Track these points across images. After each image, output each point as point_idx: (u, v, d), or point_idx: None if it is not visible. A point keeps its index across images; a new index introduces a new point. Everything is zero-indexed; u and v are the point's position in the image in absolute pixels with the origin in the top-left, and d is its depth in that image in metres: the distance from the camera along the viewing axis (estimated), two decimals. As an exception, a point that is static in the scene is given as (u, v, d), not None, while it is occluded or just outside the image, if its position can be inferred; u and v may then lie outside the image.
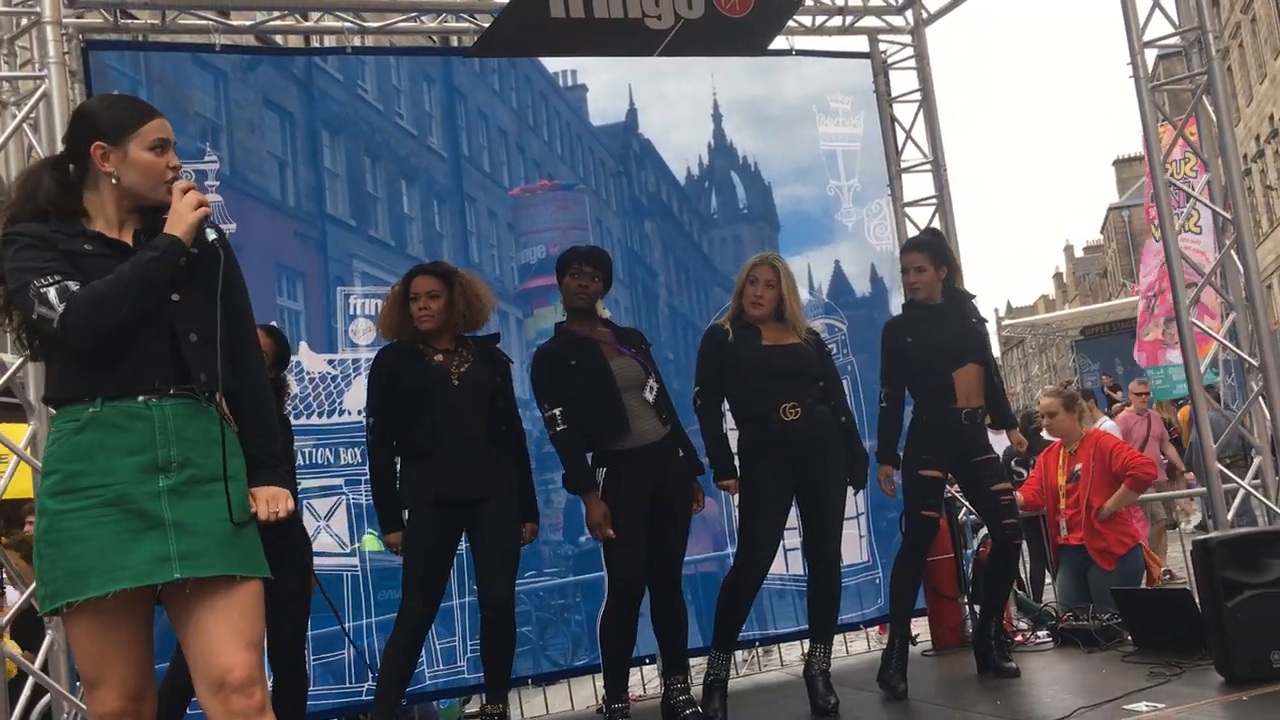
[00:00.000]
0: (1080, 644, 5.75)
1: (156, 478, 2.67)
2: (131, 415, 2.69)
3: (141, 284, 2.68)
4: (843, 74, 7.03)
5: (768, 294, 4.92)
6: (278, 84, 5.91)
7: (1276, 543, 4.86)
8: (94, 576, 2.59)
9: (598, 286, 4.80)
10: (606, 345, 4.76)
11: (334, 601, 5.40)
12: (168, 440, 2.69)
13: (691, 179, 6.89)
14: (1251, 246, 5.40)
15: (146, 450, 2.68)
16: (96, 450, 2.66)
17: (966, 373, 5.20)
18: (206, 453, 2.73)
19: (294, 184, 5.86)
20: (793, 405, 4.80)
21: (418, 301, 4.60)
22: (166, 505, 2.66)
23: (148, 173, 2.83)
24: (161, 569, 2.62)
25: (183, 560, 2.63)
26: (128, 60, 5.51)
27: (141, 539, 2.62)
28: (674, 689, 4.74)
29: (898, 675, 5.15)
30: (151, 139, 2.84)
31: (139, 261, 2.70)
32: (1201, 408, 5.36)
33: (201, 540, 2.66)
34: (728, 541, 6.11)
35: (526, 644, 5.86)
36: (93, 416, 2.67)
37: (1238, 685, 4.56)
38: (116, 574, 2.60)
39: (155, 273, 2.70)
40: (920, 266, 5.29)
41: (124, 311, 2.66)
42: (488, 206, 6.40)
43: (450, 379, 4.57)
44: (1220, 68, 5.51)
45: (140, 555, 2.62)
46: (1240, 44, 36.00)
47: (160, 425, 2.70)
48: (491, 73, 6.55)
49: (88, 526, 2.62)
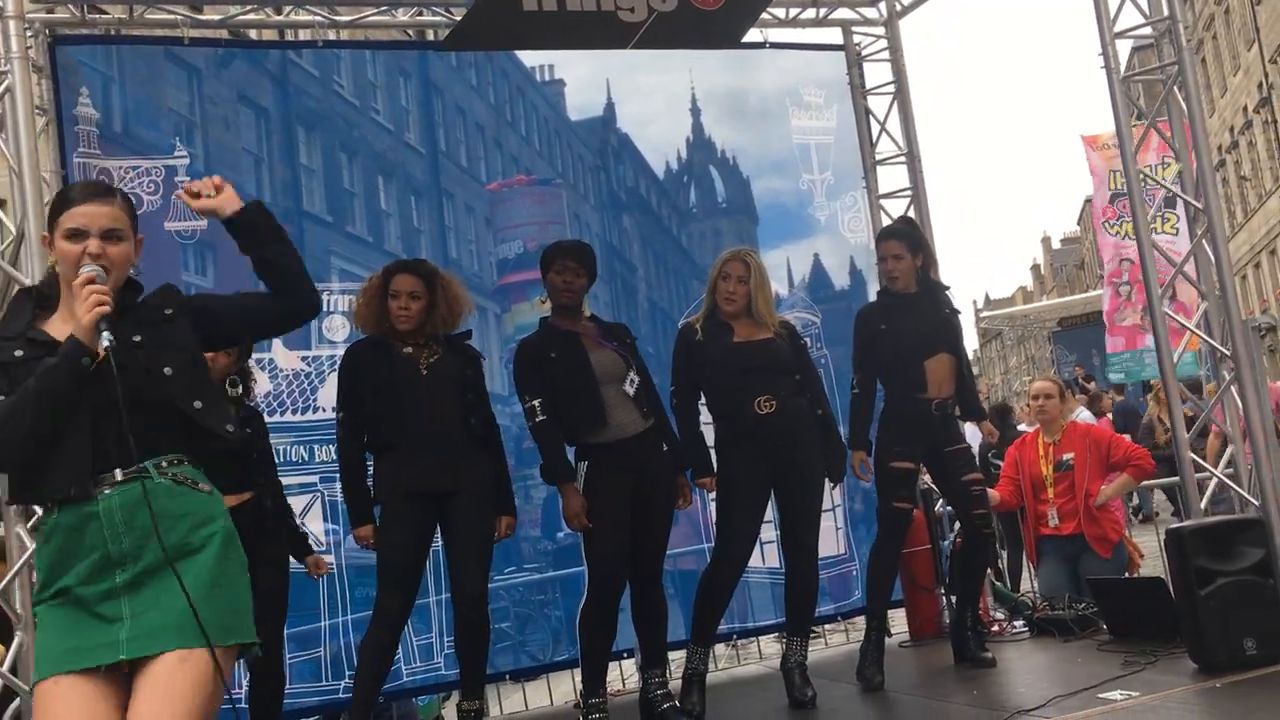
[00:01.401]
0: (1056, 633, 5.79)
1: (114, 573, 2.60)
2: (83, 514, 2.62)
3: (40, 396, 2.56)
4: (817, 66, 7.04)
5: (740, 289, 4.93)
6: (252, 79, 5.88)
7: (1249, 531, 4.91)
8: (51, 657, 2.56)
9: (582, 282, 4.78)
10: (588, 338, 4.74)
11: (311, 599, 5.43)
12: (117, 533, 2.60)
13: (670, 173, 6.89)
14: (1223, 237, 5.43)
15: (98, 547, 2.60)
16: (65, 556, 2.62)
17: (938, 363, 5.23)
18: (168, 533, 2.61)
19: (269, 180, 5.82)
20: (767, 399, 4.81)
21: (398, 300, 4.58)
22: (125, 601, 2.59)
23: (65, 262, 2.70)
24: (107, 652, 2.55)
25: (131, 641, 2.56)
26: (100, 55, 5.45)
27: (95, 626, 2.58)
28: (651, 684, 4.74)
29: (874, 668, 5.17)
30: (66, 226, 2.70)
31: (40, 372, 2.58)
32: (1175, 398, 5.40)
33: (157, 620, 2.57)
34: (704, 536, 6.11)
35: (506, 640, 5.86)
36: (55, 523, 2.63)
37: (1211, 673, 4.60)
38: (71, 655, 2.55)
39: (52, 382, 2.56)
40: (898, 254, 5.30)
41: (27, 427, 2.56)
42: (465, 202, 6.39)
43: (419, 370, 4.54)
44: (1192, 59, 5.53)
45: (91, 640, 2.56)
46: (1214, 35, 36.22)
47: (108, 519, 2.61)
48: (468, 67, 6.53)
49: (53, 615, 2.61)
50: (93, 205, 2.73)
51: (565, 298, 4.75)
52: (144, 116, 5.52)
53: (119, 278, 2.74)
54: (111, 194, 2.82)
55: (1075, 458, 6.23)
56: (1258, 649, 4.63)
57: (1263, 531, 4.93)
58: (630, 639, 5.06)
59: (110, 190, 2.86)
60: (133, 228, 2.80)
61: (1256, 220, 34.47)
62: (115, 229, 2.73)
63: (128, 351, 2.65)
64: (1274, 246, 33.16)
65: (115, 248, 2.72)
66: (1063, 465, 6.30)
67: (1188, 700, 4.34)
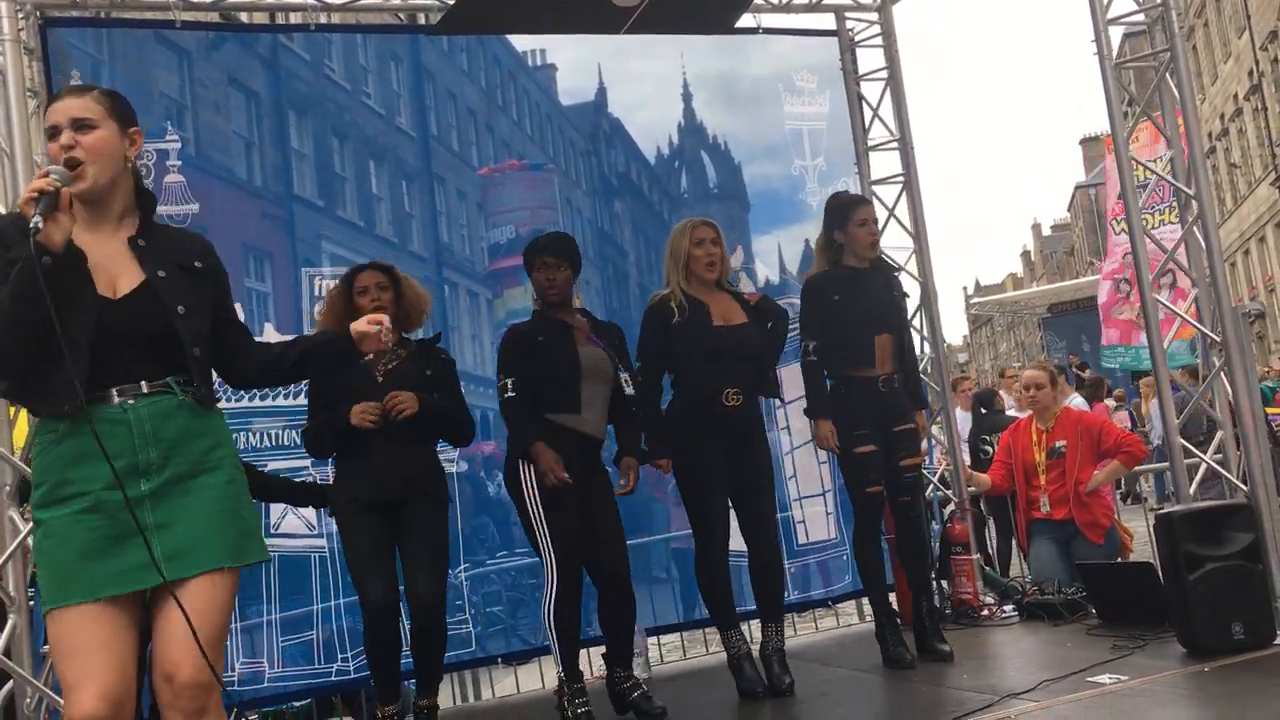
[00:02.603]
0: (1045, 618, 5.82)
1: (138, 482, 2.64)
2: (109, 421, 2.65)
3: (10, 299, 2.55)
4: (810, 51, 7.03)
5: (717, 251, 4.97)
6: (243, 63, 5.85)
7: (1237, 516, 4.94)
8: (78, 584, 2.58)
9: (565, 274, 4.75)
10: (580, 331, 4.73)
11: (303, 583, 5.43)
12: (146, 442, 2.66)
13: (661, 158, 6.88)
14: (1214, 223, 5.45)
15: (125, 455, 2.64)
16: (79, 457, 2.62)
17: (884, 341, 5.23)
18: (187, 448, 2.70)
19: (260, 164, 5.80)
20: (735, 392, 4.85)
21: (367, 295, 4.57)
22: (149, 509, 2.63)
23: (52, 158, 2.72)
24: (146, 574, 2.60)
25: (168, 563, 2.61)
26: (89, 38, 5.43)
27: (125, 545, 2.60)
28: (618, 676, 4.75)
29: (900, 648, 5.16)
30: (45, 127, 2.76)
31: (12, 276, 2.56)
32: (1165, 384, 5.42)
33: (186, 538, 2.64)
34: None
35: (498, 623, 5.88)
36: (71, 426, 2.64)
37: (1200, 657, 4.63)
38: (100, 581, 2.58)
39: (16, 283, 2.54)
40: (876, 219, 5.39)
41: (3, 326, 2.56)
42: (457, 186, 6.37)
43: (375, 377, 4.52)
44: (1184, 46, 5.54)
45: (124, 562, 2.60)
46: (1205, 23, 36.25)
47: (138, 428, 2.66)
48: (460, 52, 6.50)
49: (71, 532, 2.60)
50: (66, 100, 2.79)
51: (551, 295, 4.74)
52: (134, 99, 5.33)
53: (100, 170, 2.75)
54: (89, 89, 2.86)
55: (1067, 445, 6.27)
56: (1245, 633, 4.66)
57: (1251, 516, 4.95)
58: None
59: (89, 87, 2.90)
60: (115, 118, 2.80)
61: (1246, 208, 34.57)
62: (85, 119, 2.74)
63: (147, 287, 2.73)
64: (1263, 234, 33.26)
65: (87, 136, 2.74)
66: (1055, 452, 6.33)
67: (1176, 684, 4.36)
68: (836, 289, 5.24)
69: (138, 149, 2.88)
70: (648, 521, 6.37)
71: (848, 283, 5.24)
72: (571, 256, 4.80)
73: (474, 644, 5.82)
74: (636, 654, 5.60)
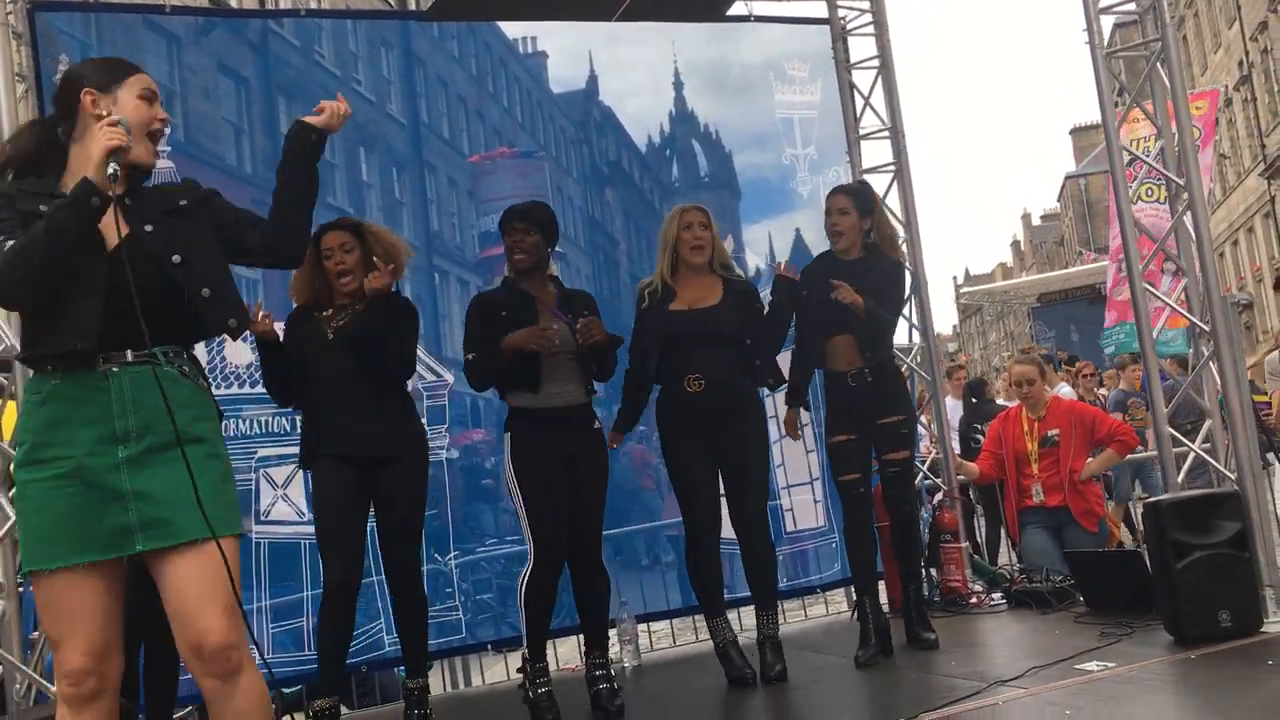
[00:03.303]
0: (1033, 605, 5.85)
1: (115, 449, 2.67)
2: (90, 386, 2.68)
3: (48, 233, 2.61)
4: (801, 39, 7.03)
5: (704, 235, 4.97)
6: (233, 49, 5.83)
7: (1225, 505, 4.96)
8: (58, 547, 2.62)
9: (533, 239, 4.69)
10: (543, 305, 4.69)
11: (293, 569, 5.43)
12: (125, 410, 2.69)
13: (652, 147, 6.87)
14: (1204, 213, 5.46)
15: (104, 421, 2.67)
16: (59, 421, 2.67)
17: (843, 341, 5.13)
18: (166, 418, 2.71)
19: (250, 151, 5.79)
20: (695, 378, 4.84)
21: (332, 258, 4.51)
22: (126, 476, 2.66)
23: (136, 117, 2.83)
24: (124, 542, 2.65)
25: (144, 531, 2.65)
26: (78, 23, 5.40)
27: (103, 511, 2.64)
28: (593, 664, 4.75)
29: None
30: (139, 87, 2.89)
31: (50, 210, 2.65)
32: (1153, 372, 5.44)
33: (164, 508, 2.66)
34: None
35: (488, 610, 5.89)
36: (54, 389, 2.69)
37: (1186, 645, 4.66)
38: (78, 546, 2.63)
39: (61, 220, 2.62)
40: (844, 209, 5.18)
41: (36, 262, 2.62)
42: (447, 174, 6.36)
43: (325, 334, 4.47)
44: (1175, 35, 5.55)
45: (103, 528, 2.64)
46: (1195, 13, 36.28)
47: (118, 395, 2.69)
48: (450, 39, 6.48)
49: (50, 497, 2.64)
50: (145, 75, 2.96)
51: (518, 259, 4.70)
52: None
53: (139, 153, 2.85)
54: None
55: (1060, 434, 6.30)
56: (1232, 621, 4.68)
57: (1239, 505, 4.97)
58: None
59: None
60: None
61: (1235, 198, 34.64)
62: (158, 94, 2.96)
63: (137, 241, 2.76)
64: (1252, 224, 33.34)
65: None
66: (1048, 441, 6.36)
67: (1163, 671, 4.39)
68: (808, 283, 5.19)
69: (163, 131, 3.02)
70: (637, 509, 6.39)
71: (820, 277, 5.13)
72: (543, 223, 4.74)
73: (464, 631, 5.83)
74: (626, 641, 5.63)
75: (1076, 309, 19.84)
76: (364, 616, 5.37)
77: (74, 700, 2.66)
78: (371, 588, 5.26)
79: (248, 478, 5.42)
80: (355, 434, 4.42)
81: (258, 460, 5.46)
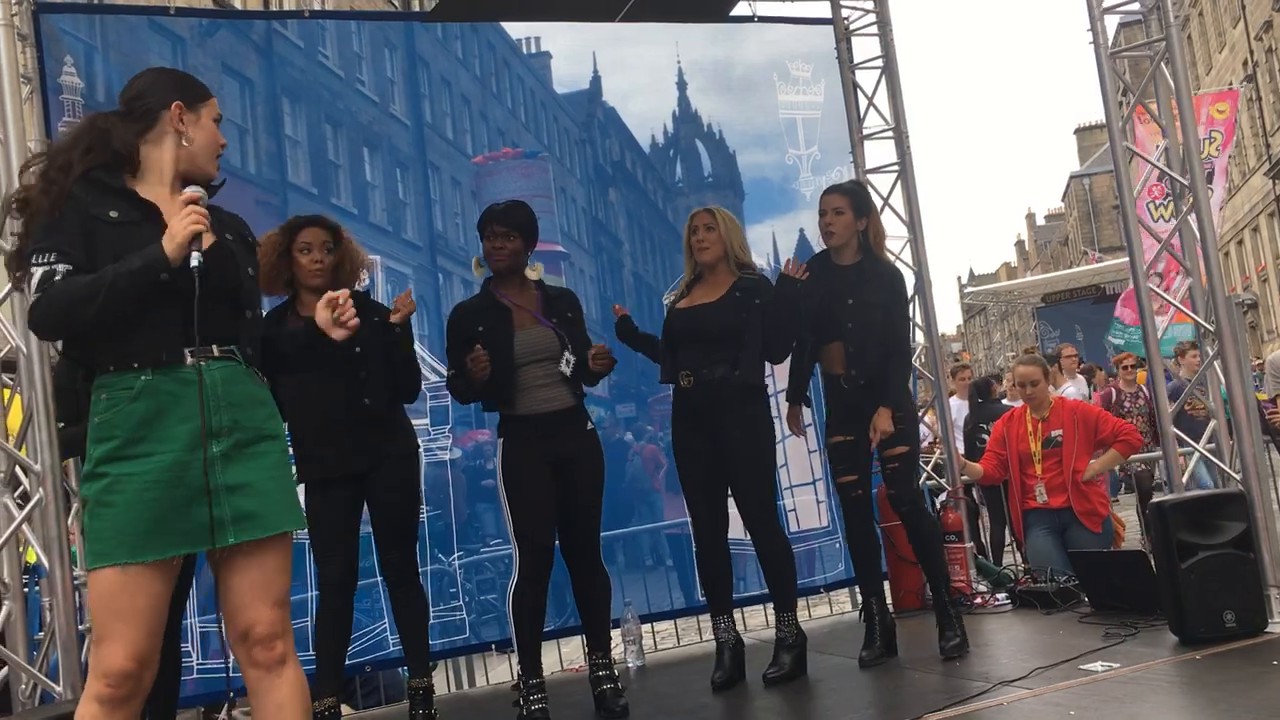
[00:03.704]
0: (1038, 606, 5.84)
1: (210, 444, 2.76)
2: (182, 382, 2.78)
3: (110, 294, 2.71)
4: (805, 39, 7.03)
5: (709, 236, 4.97)
6: (237, 50, 5.84)
7: (1230, 505, 4.94)
8: (152, 540, 2.70)
9: (514, 244, 4.66)
10: (521, 313, 4.67)
11: (297, 568, 5.41)
12: (218, 405, 2.79)
13: (656, 147, 6.88)
14: (1208, 212, 5.45)
15: (195, 418, 2.76)
16: (153, 418, 2.75)
17: (835, 348, 5.11)
18: (251, 414, 2.86)
19: (254, 152, 5.80)
20: (686, 374, 4.88)
21: (311, 254, 4.46)
22: (219, 471, 2.77)
23: (210, 141, 3.01)
24: (209, 536, 2.75)
25: (236, 524, 2.77)
26: (83, 25, 5.41)
27: (189, 506, 2.74)
28: (596, 664, 4.76)
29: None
30: (215, 112, 3.05)
31: (120, 270, 2.72)
32: (1158, 372, 5.43)
33: (254, 501, 2.79)
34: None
35: (491, 611, 5.89)
36: (147, 384, 2.76)
37: (1191, 645, 4.65)
38: (166, 540, 2.72)
39: (127, 285, 2.72)
40: (838, 209, 5.11)
41: (89, 317, 2.73)
42: (451, 174, 6.37)
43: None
44: (1179, 35, 5.54)
45: (187, 523, 2.74)
46: (1200, 12, 36.25)
47: (210, 390, 2.78)
48: (454, 39, 6.49)
49: (144, 492, 2.72)
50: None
51: (497, 262, 4.69)
52: None
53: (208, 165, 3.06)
54: None
55: (1064, 434, 6.30)
56: (1237, 622, 4.67)
57: (1243, 505, 4.96)
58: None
59: None
60: None
61: (1240, 198, 34.60)
62: None
63: (223, 247, 2.92)
64: (1257, 224, 33.31)
65: None
66: (1051, 442, 6.35)
67: (1168, 672, 4.38)
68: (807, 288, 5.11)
69: None
70: (642, 509, 6.39)
71: (814, 282, 5.06)
72: (523, 227, 4.70)
73: (468, 631, 5.83)
74: (630, 641, 5.63)
75: (1081, 309, 19.85)
76: (367, 616, 5.38)
77: (109, 701, 2.70)
78: (375, 588, 5.26)
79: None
80: (340, 450, 4.41)
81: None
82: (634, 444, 6.48)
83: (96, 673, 2.72)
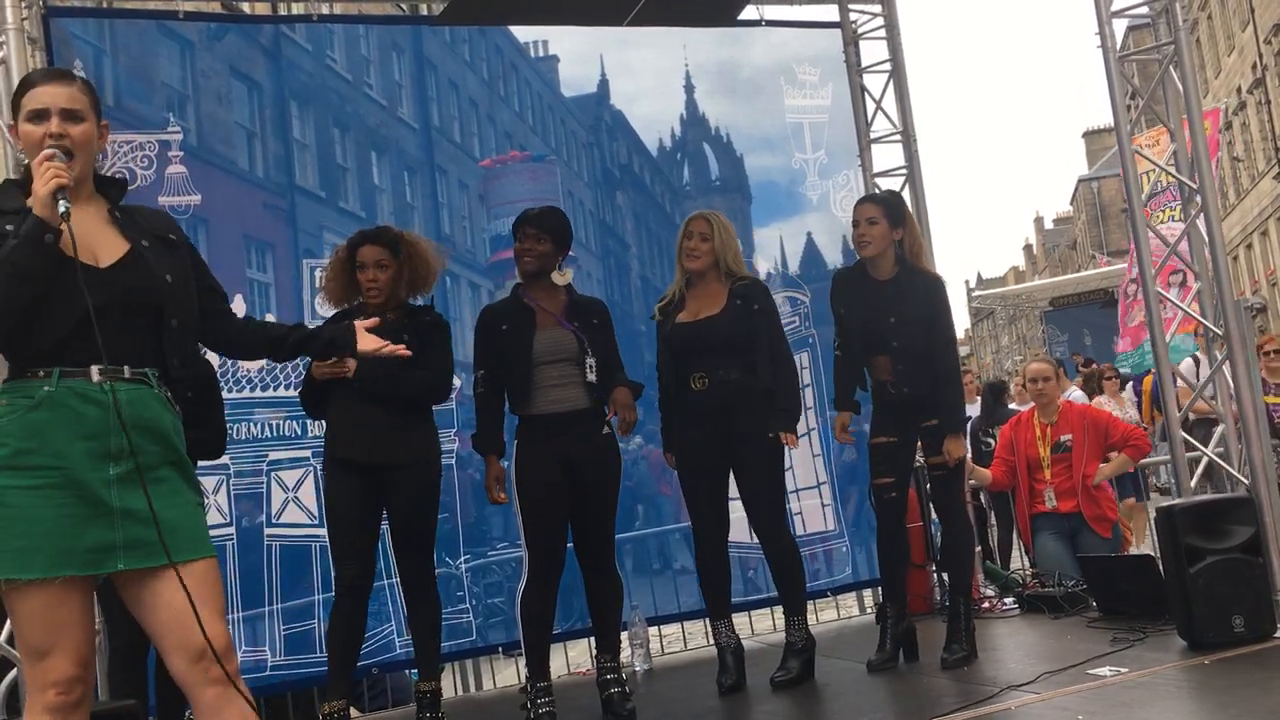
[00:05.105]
0: (1046, 610, 5.84)
1: (107, 465, 2.65)
2: (85, 398, 2.66)
3: (11, 276, 2.61)
4: (812, 43, 7.01)
5: (702, 246, 4.96)
6: (245, 54, 5.85)
7: (1238, 510, 4.94)
8: (39, 557, 2.59)
9: (545, 248, 4.70)
10: (545, 315, 4.69)
11: (304, 573, 5.44)
12: (118, 428, 2.66)
13: (663, 150, 6.88)
14: (1216, 216, 5.44)
15: (99, 437, 2.65)
16: (49, 430, 2.63)
17: (881, 361, 5.09)
18: (155, 439, 2.73)
19: (262, 155, 5.81)
20: (699, 375, 4.88)
21: (366, 272, 4.56)
22: (115, 493, 2.65)
23: (27, 146, 2.79)
24: (106, 559, 2.64)
25: (127, 550, 2.65)
26: (92, 28, 5.43)
27: (89, 526, 2.63)
28: (604, 667, 4.74)
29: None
30: (28, 109, 2.79)
31: (5, 250, 2.63)
32: (1166, 377, 5.42)
33: (148, 529, 2.64)
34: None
35: (499, 614, 5.89)
36: (48, 395, 2.65)
37: (1200, 650, 4.64)
38: (63, 558, 2.60)
39: (17, 259, 2.61)
40: (872, 219, 5.05)
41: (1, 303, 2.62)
42: (459, 178, 6.38)
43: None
44: (1188, 39, 5.53)
45: (87, 542, 2.62)
46: (1209, 16, 36.17)
47: (114, 412, 2.66)
48: (462, 43, 6.50)
49: (35, 506, 2.60)
50: (53, 86, 2.81)
51: (526, 264, 4.72)
52: (137, 90, 5.51)
53: (85, 162, 2.81)
54: (71, 77, 2.91)
55: (1073, 439, 6.28)
56: (1245, 627, 4.67)
57: (1252, 510, 4.95)
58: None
59: (70, 74, 2.96)
60: (95, 112, 2.86)
61: (1249, 201, 34.50)
62: (75, 109, 2.80)
63: (138, 255, 2.78)
64: (1266, 228, 33.20)
65: (76, 128, 2.79)
66: (1060, 446, 6.33)
67: (1176, 677, 4.37)
68: (843, 300, 5.17)
69: (104, 142, 2.95)
70: (650, 513, 6.39)
71: (853, 296, 5.12)
72: (556, 231, 4.74)
73: (475, 634, 5.84)
74: (637, 644, 5.63)
75: (1089, 312, 19.82)
76: (375, 619, 5.38)
77: (62, 709, 2.64)
78: (383, 590, 5.27)
79: (259, 480, 5.45)
80: (365, 440, 4.45)
81: (269, 463, 5.48)
82: (641, 447, 6.47)
83: (43, 685, 2.64)
